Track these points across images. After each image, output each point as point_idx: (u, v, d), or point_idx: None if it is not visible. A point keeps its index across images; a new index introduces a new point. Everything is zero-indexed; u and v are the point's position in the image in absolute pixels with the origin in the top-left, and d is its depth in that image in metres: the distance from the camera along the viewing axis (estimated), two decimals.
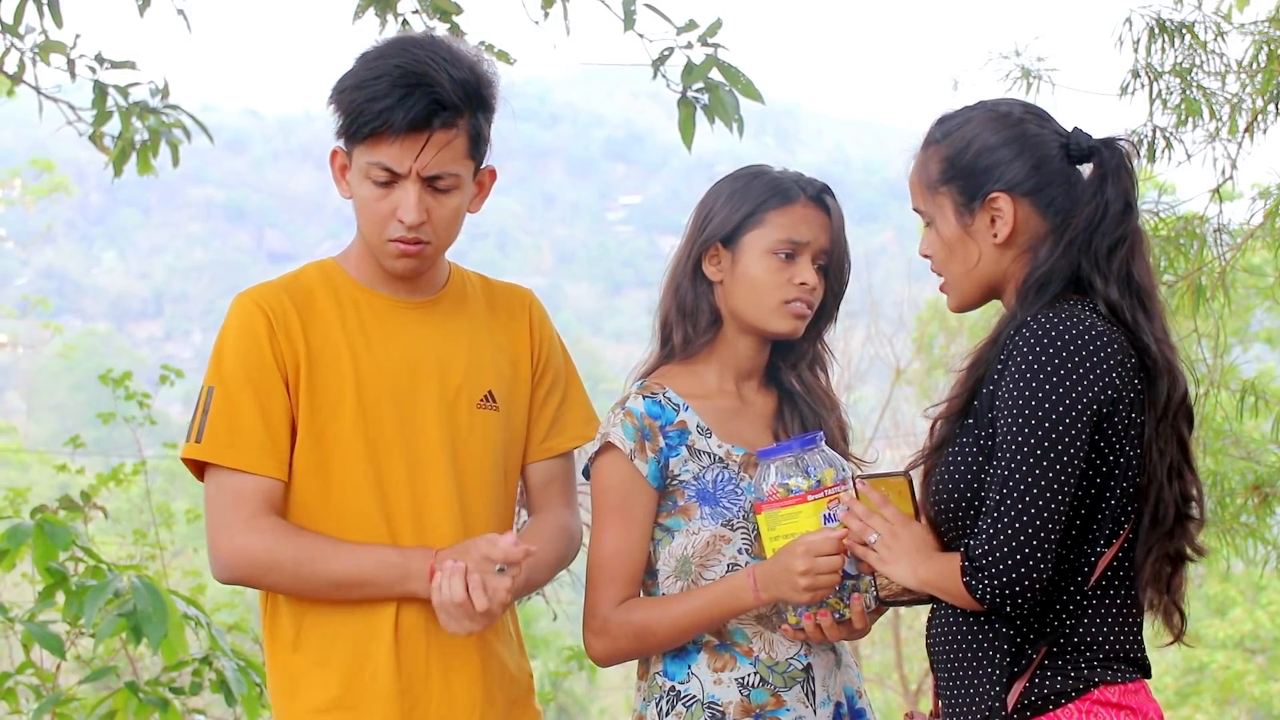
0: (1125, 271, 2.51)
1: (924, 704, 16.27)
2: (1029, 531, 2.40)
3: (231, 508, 2.69)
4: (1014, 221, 2.55)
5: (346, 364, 2.75)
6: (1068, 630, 2.48)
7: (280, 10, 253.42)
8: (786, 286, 2.86)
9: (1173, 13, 4.83)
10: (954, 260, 2.61)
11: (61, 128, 5.79)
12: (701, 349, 2.92)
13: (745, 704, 2.79)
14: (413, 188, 2.69)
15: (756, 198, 2.88)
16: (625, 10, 4.78)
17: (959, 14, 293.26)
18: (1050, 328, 2.43)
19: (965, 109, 2.64)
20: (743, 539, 2.82)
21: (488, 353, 2.86)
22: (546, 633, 16.19)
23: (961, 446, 2.52)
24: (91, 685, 7.12)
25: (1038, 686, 2.47)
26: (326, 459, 2.74)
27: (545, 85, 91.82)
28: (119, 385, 8.13)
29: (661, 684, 2.84)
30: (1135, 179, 2.58)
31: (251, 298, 2.76)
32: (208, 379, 2.74)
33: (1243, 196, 5.82)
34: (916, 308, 19.45)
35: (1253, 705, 16.83)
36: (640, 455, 2.83)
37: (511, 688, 2.87)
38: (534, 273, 70.45)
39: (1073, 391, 2.41)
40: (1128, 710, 2.47)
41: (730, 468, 2.85)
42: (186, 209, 75.53)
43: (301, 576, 2.69)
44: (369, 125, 2.66)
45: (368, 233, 2.76)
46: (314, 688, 2.75)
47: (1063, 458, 2.41)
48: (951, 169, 2.58)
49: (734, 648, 2.82)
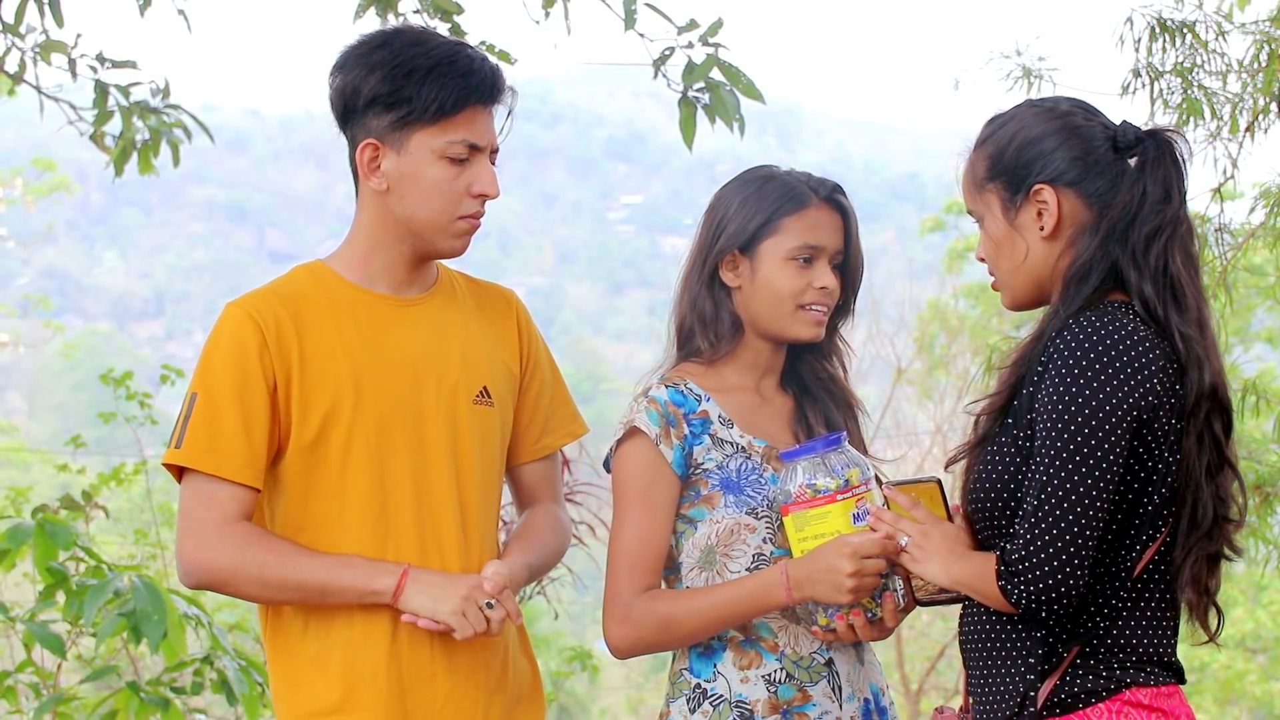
0: (1163, 262, 2.49)
1: (925, 704, 16.27)
2: (1066, 539, 2.39)
3: (205, 514, 2.70)
4: (1058, 213, 2.54)
5: (344, 365, 2.76)
6: (1101, 631, 2.47)
7: (280, 10, 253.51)
8: (807, 291, 2.87)
9: (1174, 12, 4.83)
10: (1002, 257, 2.60)
11: (63, 127, 5.79)
12: (726, 355, 2.93)
13: (773, 700, 2.79)
14: (488, 160, 2.77)
15: (771, 204, 2.88)
16: (626, 10, 4.78)
17: (959, 14, 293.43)
18: (1092, 331, 2.42)
19: (1013, 108, 2.64)
20: (767, 528, 2.82)
21: (481, 349, 2.87)
22: (547, 632, 16.19)
23: (1000, 445, 2.52)
24: (92, 685, 7.12)
25: (1068, 685, 2.47)
26: (325, 460, 2.74)
27: (546, 85, 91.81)
28: (120, 385, 8.13)
29: (688, 680, 2.84)
30: (1182, 168, 2.56)
31: (243, 307, 2.75)
32: (192, 386, 2.75)
33: (1244, 196, 5.82)
34: (918, 307, 19.45)
35: (1253, 705, 16.82)
36: (665, 441, 2.83)
37: (516, 684, 2.87)
38: (535, 272, 70.45)
39: (1113, 397, 2.40)
40: (1159, 713, 2.46)
41: (753, 458, 2.86)
42: (188, 209, 75.54)
43: (265, 580, 2.69)
44: (455, 102, 2.71)
45: (432, 215, 2.77)
46: (316, 690, 2.75)
47: (1101, 464, 2.40)
48: (996, 165, 2.58)
49: (759, 643, 2.82)
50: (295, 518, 2.75)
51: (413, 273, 2.84)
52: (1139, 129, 2.58)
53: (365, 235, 2.82)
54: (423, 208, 2.76)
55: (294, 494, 2.75)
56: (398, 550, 2.74)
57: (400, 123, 2.73)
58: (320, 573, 2.69)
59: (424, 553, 2.75)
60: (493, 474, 2.87)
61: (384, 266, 2.82)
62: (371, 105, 2.74)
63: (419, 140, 2.73)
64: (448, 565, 2.76)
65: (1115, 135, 2.57)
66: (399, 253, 2.81)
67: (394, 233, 2.80)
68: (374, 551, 2.73)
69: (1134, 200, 2.51)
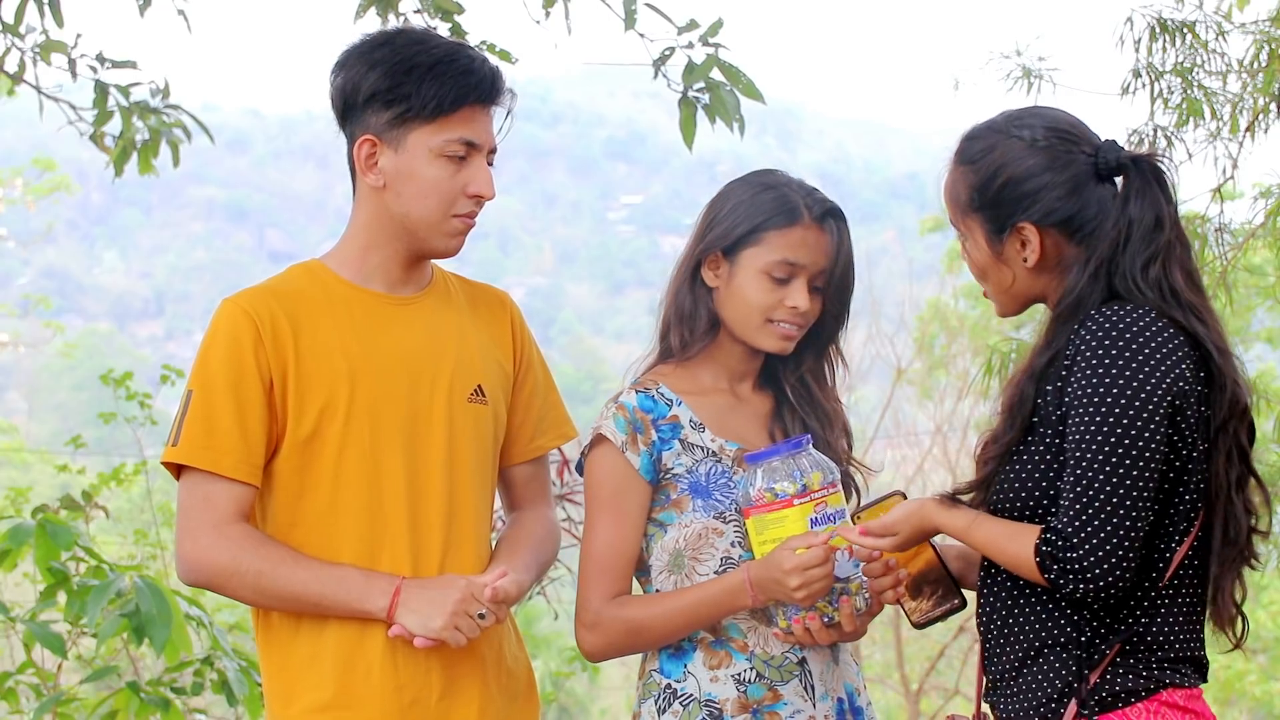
0: (1166, 286, 2.51)
1: (925, 704, 16.26)
2: (1115, 522, 2.39)
3: (202, 512, 2.70)
4: (1041, 249, 2.57)
5: (340, 362, 2.76)
6: (1140, 628, 2.48)
7: (281, 10, 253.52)
8: (777, 308, 2.86)
9: (1174, 12, 4.83)
10: (989, 280, 2.64)
11: (63, 127, 5.79)
12: (698, 353, 2.93)
13: (742, 700, 2.80)
14: (484, 160, 2.78)
15: (761, 214, 2.87)
16: (626, 10, 4.78)
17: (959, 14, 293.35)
18: (1118, 320, 2.44)
19: (991, 130, 2.63)
20: (735, 531, 2.82)
21: (475, 348, 2.88)
22: (547, 632, 16.20)
23: (1030, 450, 2.51)
24: (93, 685, 7.13)
25: (1109, 683, 2.47)
26: (319, 458, 2.75)
27: (546, 85, 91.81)
28: (120, 385, 8.13)
29: (658, 681, 2.85)
30: (1171, 193, 2.56)
31: (239, 304, 2.76)
32: (189, 383, 2.76)
33: (1244, 196, 5.82)
34: (918, 307, 19.44)
35: (1253, 705, 16.81)
36: (632, 448, 2.84)
37: (512, 681, 2.88)
38: (535, 272, 70.46)
39: (1150, 380, 2.41)
40: (1192, 714, 2.48)
41: (724, 462, 2.86)
42: (188, 208, 75.55)
43: (261, 588, 2.70)
44: (453, 100, 2.73)
45: (427, 213, 2.77)
46: (309, 688, 2.75)
47: (1147, 448, 2.40)
48: (980, 197, 2.59)
49: (729, 643, 2.83)
50: (288, 514, 2.76)
51: (408, 271, 2.85)
52: (1121, 153, 2.58)
53: (361, 233, 2.83)
54: (418, 205, 2.77)
55: (288, 490, 2.75)
56: (392, 547, 2.75)
57: (398, 119, 2.74)
58: (314, 586, 2.69)
59: (416, 549, 2.76)
60: (486, 472, 2.88)
61: (379, 265, 2.83)
62: (371, 102, 2.75)
63: (416, 138, 2.74)
64: (439, 562, 2.77)
65: (1098, 162, 2.57)
66: (394, 250, 2.82)
67: (389, 231, 2.80)
68: (367, 548, 2.74)
69: (1121, 233, 2.52)
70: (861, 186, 70.64)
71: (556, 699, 16.64)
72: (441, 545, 2.78)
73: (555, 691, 16.20)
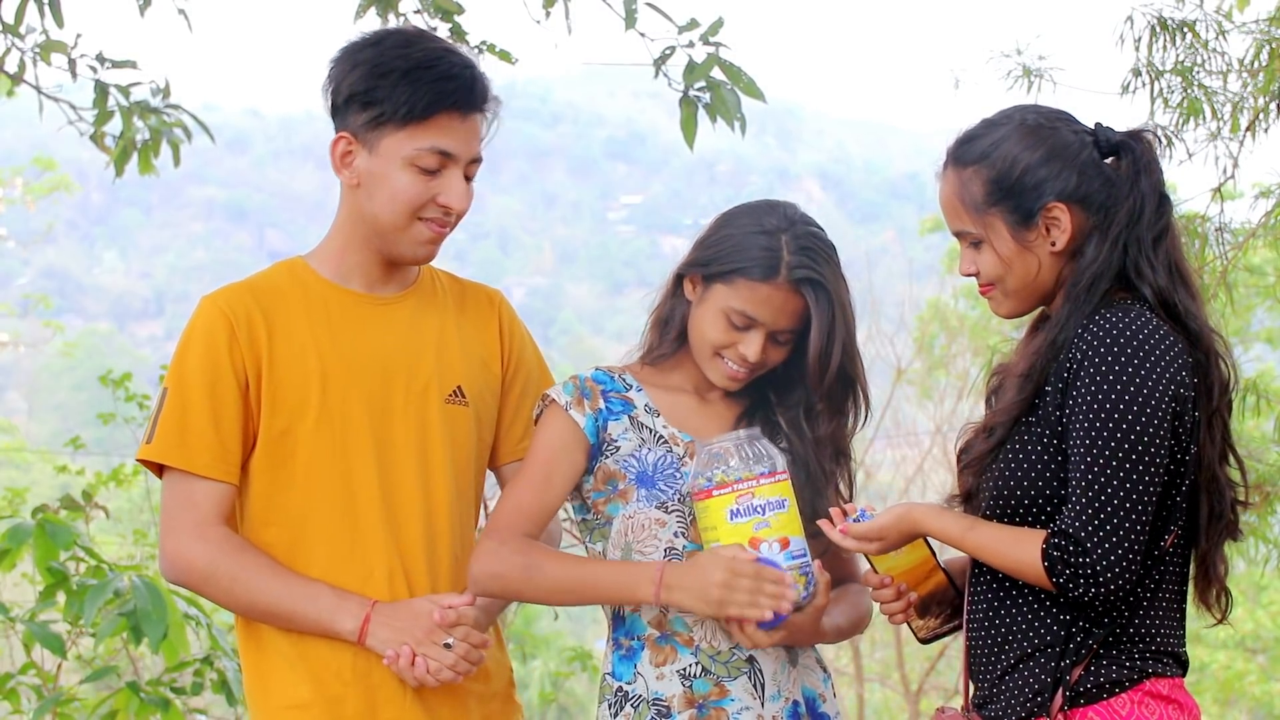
0: (1169, 261, 2.57)
1: (925, 704, 16.26)
2: (1123, 529, 2.42)
3: (184, 511, 2.72)
4: (1071, 228, 2.58)
5: (312, 360, 2.76)
6: (1124, 621, 2.51)
7: (281, 10, 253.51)
8: (729, 350, 2.83)
9: (1174, 11, 4.82)
10: (1013, 275, 2.63)
11: (63, 127, 5.79)
12: (670, 356, 2.92)
13: (688, 695, 2.78)
14: (460, 172, 2.74)
15: (743, 259, 2.80)
16: (626, 9, 4.78)
17: (960, 13, 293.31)
18: (1124, 326, 2.47)
19: (989, 126, 2.65)
20: (678, 522, 2.80)
21: (457, 349, 2.87)
22: (548, 632, 16.20)
23: (1024, 448, 2.54)
24: (92, 685, 7.14)
25: (1093, 674, 2.50)
26: (291, 456, 2.75)
27: (546, 85, 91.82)
28: (119, 386, 8.13)
29: (610, 685, 2.84)
30: (1161, 169, 2.62)
31: (215, 302, 2.77)
32: (165, 380, 2.77)
33: (1244, 196, 5.82)
34: (918, 307, 19.45)
35: (1253, 705, 16.82)
36: (577, 408, 2.82)
37: (489, 683, 2.87)
38: (535, 272, 70.46)
39: (1155, 384, 2.44)
40: (1175, 704, 2.51)
41: (674, 450, 2.84)
42: (188, 208, 75.57)
43: (234, 595, 2.72)
44: (426, 107, 2.69)
45: (394, 218, 2.75)
46: (285, 685, 2.76)
47: (1150, 453, 2.43)
48: (999, 190, 2.60)
49: (674, 638, 2.80)
50: (262, 511, 2.77)
51: (387, 271, 2.84)
52: (1116, 131, 2.63)
53: (339, 233, 2.84)
54: (385, 210, 2.75)
55: (262, 487, 2.76)
56: (365, 548, 2.75)
57: (373, 122, 2.72)
58: (285, 600, 2.70)
59: (390, 551, 2.76)
60: (466, 473, 2.87)
61: (357, 264, 2.83)
62: (350, 102, 2.74)
63: (390, 143, 2.72)
64: (415, 565, 2.77)
65: (1098, 140, 2.61)
66: (371, 251, 2.81)
67: (363, 231, 2.80)
68: (341, 549, 2.75)
69: (1136, 205, 2.57)
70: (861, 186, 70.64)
71: (556, 699, 16.62)
72: (423, 543, 2.78)
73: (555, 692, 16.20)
